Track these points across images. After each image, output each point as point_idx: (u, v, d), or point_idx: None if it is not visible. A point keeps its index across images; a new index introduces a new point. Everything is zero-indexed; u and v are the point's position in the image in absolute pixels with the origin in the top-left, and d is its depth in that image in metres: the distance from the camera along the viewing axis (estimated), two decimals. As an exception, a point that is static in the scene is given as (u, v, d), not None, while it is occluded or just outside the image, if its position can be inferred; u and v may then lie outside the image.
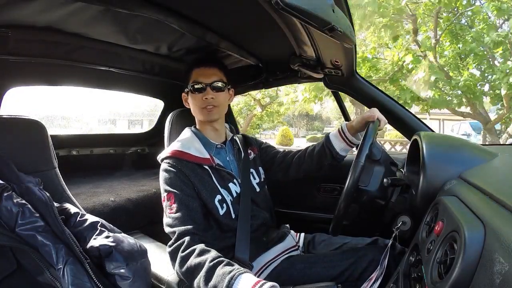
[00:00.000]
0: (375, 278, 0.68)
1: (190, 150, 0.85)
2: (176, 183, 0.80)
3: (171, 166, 0.82)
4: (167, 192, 0.80)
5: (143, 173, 1.72)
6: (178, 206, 0.77)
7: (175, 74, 1.43)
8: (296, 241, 0.99)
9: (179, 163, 0.83)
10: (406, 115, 1.11)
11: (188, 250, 0.69)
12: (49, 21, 0.82)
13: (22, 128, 0.76)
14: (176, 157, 0.84)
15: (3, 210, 0.55)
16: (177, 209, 0.76)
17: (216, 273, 0.63)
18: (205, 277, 0.64)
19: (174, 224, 0.75)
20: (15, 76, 1.14)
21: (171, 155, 0.84)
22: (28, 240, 0.54)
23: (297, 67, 1.10)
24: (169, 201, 0.78)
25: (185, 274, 0.68)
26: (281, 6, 0.45)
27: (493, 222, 0.38)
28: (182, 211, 0.76)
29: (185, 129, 0.94)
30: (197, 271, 0.66)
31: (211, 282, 0.63)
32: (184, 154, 0.84)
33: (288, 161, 0.99)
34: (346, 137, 0.90)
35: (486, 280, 0.34)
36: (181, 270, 0.69)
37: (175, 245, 0.72)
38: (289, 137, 12.61)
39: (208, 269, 0.64)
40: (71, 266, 0.55)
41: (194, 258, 0.67)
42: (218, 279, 0.62)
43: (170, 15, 0.81)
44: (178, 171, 0.81)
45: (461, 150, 0.69)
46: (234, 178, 0.89)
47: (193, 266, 0.67)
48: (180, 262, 0.69)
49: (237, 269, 0.63)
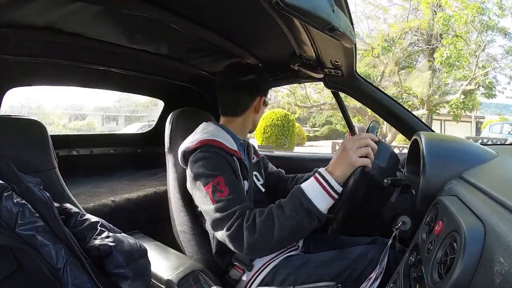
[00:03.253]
0: (375, 278, 0.68)
1: (221, 139, 0.84)
2: (221, 166, 0.78)
3: (209, 152, 0.80)
4: (214, 176, 0.76)
5: (143, 173, 1.72)
6: (231, 187, 0.74)
7: (175, 74, 1.43)
8: (296, 241, 0.99)
9: (215, 149, 0.81)
10: (406, 115, 1.11)
11: (250, 218, 0.69)
12: (49, 21, 0.82)
13: (22, 128, 0.76)
14: (210, 144, 0.82)
15: (3, 210, 0.55)
16: (231, 190, 0.74)
17: (284, 206, 0.69)
18: (281, 215, 0.68)
19: (232, 204, 0.72)
20: (15, 76, 1.14)
21: (205, 143, 0.82)
22: (28, 240, 0.54)
23: (297, 67, 1.10)
24: (218, 186, 0.75)
25: (262, 233, 0.67)
26: (281, 6, 0.45)
27: (493, 222, 0.38)
28: (236, 192, 0.74)
29: (203, 124, 0.93)
30: (272, 219, 0.68)
31: (288, 212, 0.68)
32: (217, 142, 0.82)
33: (280, 177, 1.09)
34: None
35: (486, 280, 0.34)
36: (255, 235, 0.67)
37: (237, 223, 0.69)
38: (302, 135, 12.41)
39: (278, 209, 0.69)
40: (71, 266, 0.55)
41: (260, 217, 0.69)
42: (291, 204, 0.69)
43: (170, 15, 0.81)
44: (218, 155, 0.80)
45: (461, 150, 0.69)
46: (247, 176, 0.91)
47: (264, 221, 0.68)
48: (249, 231, 0.68)
49: (296, 187, 0.71)
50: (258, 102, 0.94)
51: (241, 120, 0.94)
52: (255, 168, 1.00)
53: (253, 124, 0.98)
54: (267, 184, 1.06)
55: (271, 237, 0.67)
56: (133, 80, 1.44)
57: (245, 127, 0.96)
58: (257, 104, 0.94)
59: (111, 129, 14.77)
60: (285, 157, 1.55)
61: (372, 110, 1.17)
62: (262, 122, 8.60)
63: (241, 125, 0.95)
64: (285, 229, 0.67)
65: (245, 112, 0.94)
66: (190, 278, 0.79)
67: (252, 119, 0.96)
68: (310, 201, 0.68)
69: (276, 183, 1.08)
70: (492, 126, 10.17)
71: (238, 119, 0.94)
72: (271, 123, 8.45)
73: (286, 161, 1.47)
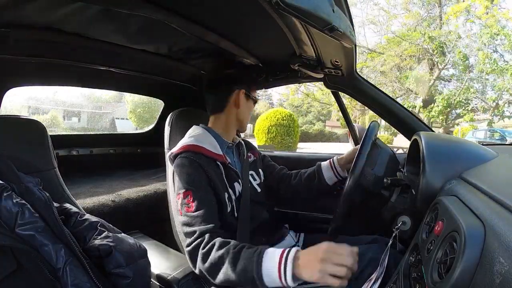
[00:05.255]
0: (375, 278, 0.67)
1: (205, 145, 0.84)
2: (195, 179, 0.78)
3: (188, 161, 0.80)
4: (185, 189, 0.77)
5: (143, 173, 1.73)
6: (197, 204, 0.75)
7: (175, 74, 1.43)
8: (296, 241, 0.99)
9: (195, 156, 0.81)
10: (406, 115, 1.11)
11: (208, 245, 0.69)
12: (49, 21, 0.82)
13: (22, 128, 0.76)
14: (192, 150, 0.82)
15: (3, 210, 0.55)
16: (196, 207, 0.75)
17: (241, 256, 0.64)
18: (232, 264, 0.63)
19: (194, 223, 0.73)
20: (15, 76, 1.14)
21: (186, 149, 0.83)
22: (28, 240, 0.54)
23: (297, 67, 1.10)
24: (186, 199, 0.76)
25: (209, 268, 0.67)
26: (281, 6, 0.45)
27: (493, 222, 0.38)
28: (202, 210, 0.74)
29: (193, 127, 0.94)
30: (222, 262, 0.65)
31: (239, 266, 0.63)
32: (199, 148, 0.83)
33: (282, 174, 1.07)
34: (335, 168, 1.00)
35: (486, 280, 0.34)
36: (204, 265, 0.68)
37: (195, 244, 0.71)
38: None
39: (233, 255, 0.64)
40: (71, 266, 0.55)
41: (216, 251, 0.67)
42: (246, 261, 0.63)
43: (170, 15, 0.81)
44: (196, 165, 0.80)
45: (461, 150, 0.69)
46: (239, 178, 0.90)
47: (216, 258, 0.66)
48: (202, 258, 0.68)
49: (261, 247, 0.64)
50: (237, 96, 0.93)
51: (225, 117, 0.94)
52: (251, 168, 0.99)
53: (238, 120, 0.96)
54: (269, 184, 1.06)
55: (216, 276, 0.66)
56: (133, 80, 1.44)
57: (229, 124, 0.95)
58: (236, 98, 0.93)
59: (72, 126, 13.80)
60: (285, 157, 1.54)
61: (372, 110, 1.17)
62: (266, 121, 8.37)
63: (225, 123, 0.94)
64: (229, 279, 0.65)
65: (226, 107, 0.93)
66: (190, 278, 0.79)
67: (235, 115, 0.95)
68: (261, 276, 0.61)
69: (278, 181, 1.07)
70: (475, 131, 10.39)
71: (222, 116, 0.94)
72: (276, 122, 8.20)
73: (285, 161, 1.47)
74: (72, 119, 13.73)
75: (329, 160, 1.02)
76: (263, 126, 8.30)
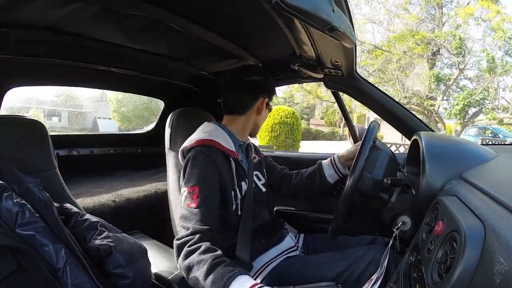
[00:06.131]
0: (376, 279, 0.67)
1: (220, 140, 0.85)
2: (205, 175, 0.78)
3: (202, 154, 0.80)
4: (193, 184, 0.77)
5: (143, 173, 1.73)
6: (200, 201, 0.75)
7: (175, 74, 1.43)
8: (295, 242, 0.99)
9: (210, 150, 0.81)
10: (406, 115, 1.11)
11: (194, 246, 0.69)
12: (49, 21, 0.82)
13: (22, 128, 0.76)
14: (207, 145, 0.82)
15: (3, 210, 0.55)
16: (198, 205, 0.75)
17: (216, 270, 0.63)
18: (205, 273, 0.63)
19: (191, 219, 0.74)
20: (15, 76, 1.14)
21: (201, 143, 0.83)
22: (28, 240, 0.54)
23: (297, 67, 1.10)
24: (191, 194, 0.76)
25: (186, 267, 0.68)
26: (281, 6, 0.45)
27: (493, 222, 0.38)
28: (203, 208, 0.75)
29: (205, 123, 0.94)
30: (198, 267, 0.65)
31: (210, 278, 0.63)
32: (214, 143, 0.83)
33: (283, 174, 1.09)
34: (336, 165, 1.01)
35: (486, 280, 0.34)
36: (183, 262, 0.69)
37: (184, 240, 0.71)
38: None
39: (209, 266, 0.64)
40: (71, 266, 0.55)
41: (199, 255, 0.67)
42: (216, 276, 0.62)
43: (170, 15, 0.81)
44: (210, 160, 0.80)
45: (461, 150, 0.69)
46: (246, 177, 0.91)
47: (195, 261, 0.66)
48: (185, 255, 0.69)
49: (237, 270, 0.63)
50: (261, 103, 0.94)
51: (244, 120, 0.95)
52: (256, 168, 1.00)
53: (254, 125, 0.98)
54: (271, 183, 1.07)
55: (188, 276, 0.67)
56: (133, 80, 1.44)
57: (246, 127, 0.96)
58: (260, 105, 0.94)
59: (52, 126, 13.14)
60: (285, 157, 1.54)
61: (372, 110, 1.17)
62: (269, 119, 8.00)
63: (242, 124, 0.95)
64: (197, 285, 0.65)
65: (248, 111, 0.94)
66: None
67: (254, 120, 0.96)
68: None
69: (279, 181, 1.08)
70: (467, 129, 10.52)
71: (241, 118, 0.94)
72: (280, 120, 7.85)
73: (286, 161, 1.47)
74: (53, 119, 13.32)
75: (330, 158, 1.04)
76: (266, 124, 8.11)
